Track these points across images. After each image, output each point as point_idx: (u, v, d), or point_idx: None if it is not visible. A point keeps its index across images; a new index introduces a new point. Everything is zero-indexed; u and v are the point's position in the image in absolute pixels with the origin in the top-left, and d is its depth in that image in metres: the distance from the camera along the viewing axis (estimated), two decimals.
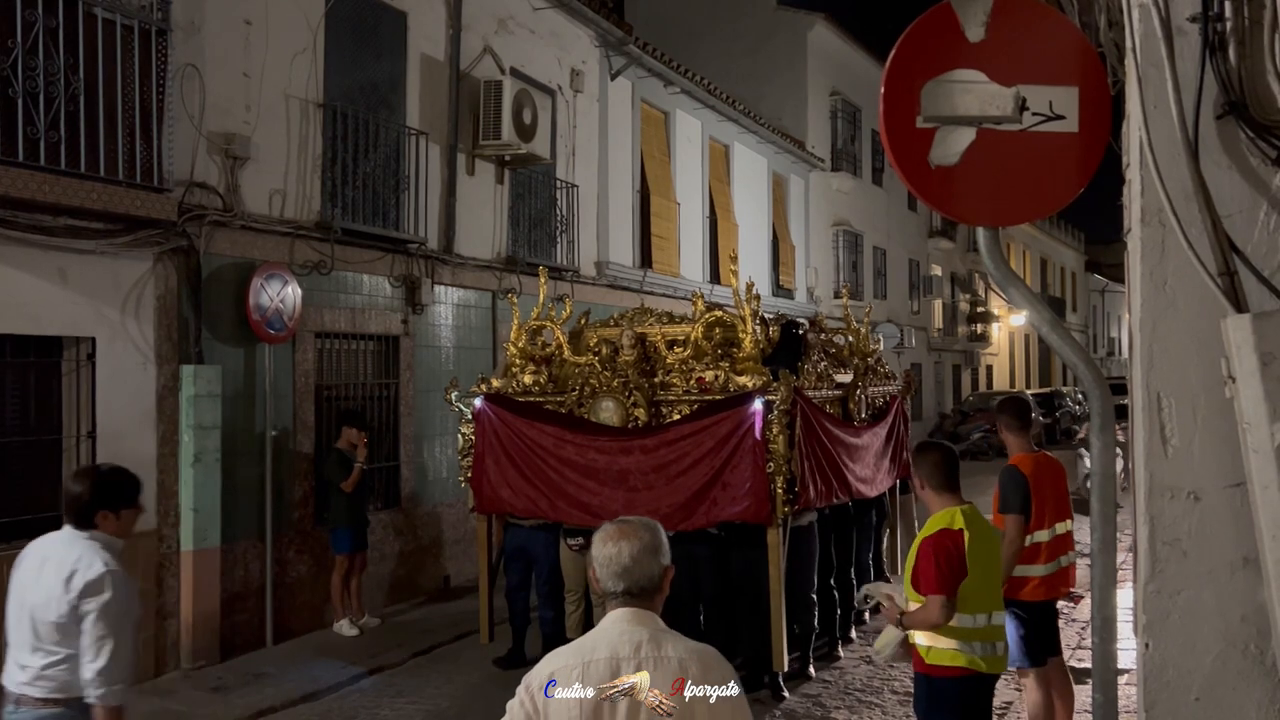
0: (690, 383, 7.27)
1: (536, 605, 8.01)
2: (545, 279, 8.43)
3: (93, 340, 7.27)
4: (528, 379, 7.83)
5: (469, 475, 7.91)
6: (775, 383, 6.88)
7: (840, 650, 8.20)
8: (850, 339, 9.22)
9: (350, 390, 9.84)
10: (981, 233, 2.98)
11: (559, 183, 13.14)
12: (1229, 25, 2.58)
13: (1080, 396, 27.57)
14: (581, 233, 13.57)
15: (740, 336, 7.32)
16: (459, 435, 8.17)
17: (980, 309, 35.00)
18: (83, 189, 6.84)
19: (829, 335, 9.06)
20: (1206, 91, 2.58)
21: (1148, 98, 2.65)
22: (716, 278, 17.39)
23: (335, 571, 8.91)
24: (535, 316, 8.12)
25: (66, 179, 6.73)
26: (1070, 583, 5.82)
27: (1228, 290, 2.51)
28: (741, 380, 7.07)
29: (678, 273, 16.43)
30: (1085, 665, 6.39)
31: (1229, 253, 2.53)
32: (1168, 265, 2.66)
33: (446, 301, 11.10)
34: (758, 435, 6.76)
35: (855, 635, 8.57)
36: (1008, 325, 38.48)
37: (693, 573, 6.89)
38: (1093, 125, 2.83)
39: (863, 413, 8.61)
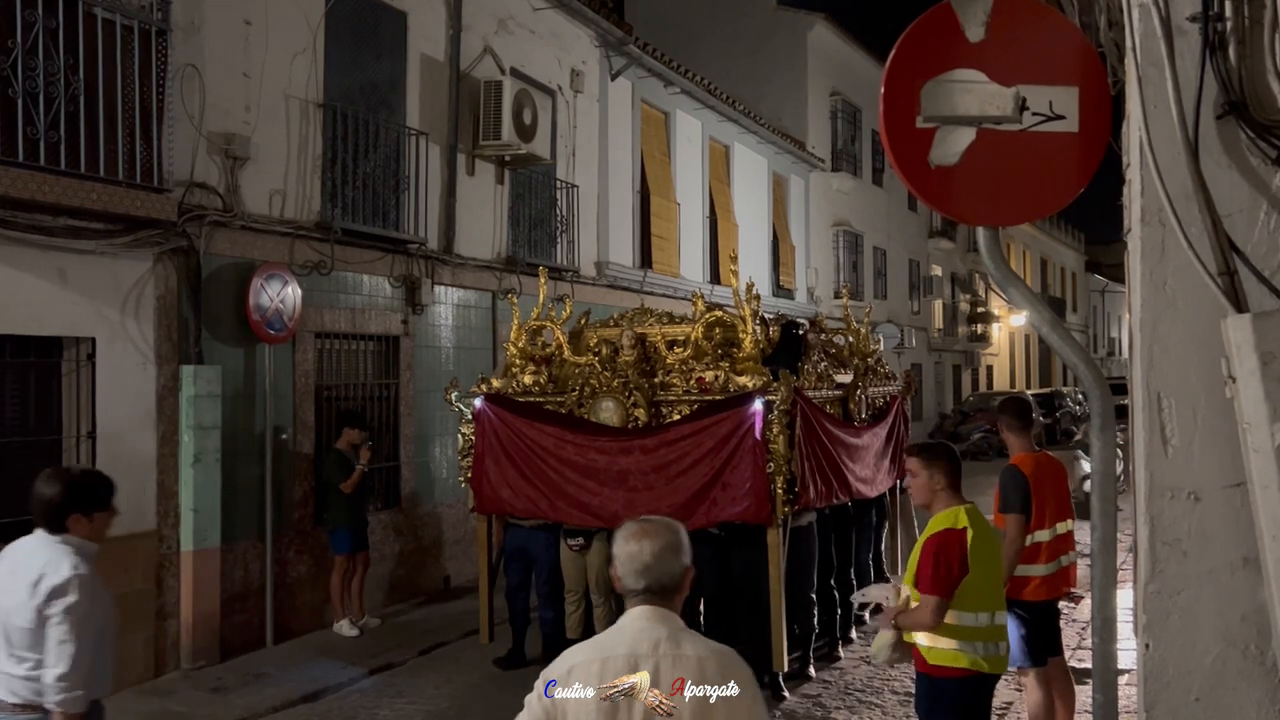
0: (690, 383, 7.27)
1: (536, 605, 8.01)
2: (545, 279, 8.43)
3: (93, 340, 7.27)
4: (528, 379, 7.83)
5: (469, 475, 7.91)
6: (775, 383, 6.88)
7: (840, 650, 8.20)
8: (850, 339, 9.22)
9: (350, 390, 9.84)
10: (981, 233, 2.98)
11: (559, 183, 13.14)
12: (1229, 25, 2.58)
13: (1080, 397, 27.54)
14: (581, 233, 13.57)
15: (740, 337, 7.32)
16: (459, 435, 8.16)
17: (980, 309, 35.00)
18: (83, 189, 6.83)
19: (829, 335, 9.06)
20: (1206, 91, 2.58)
21: (1148, 97, 2.64)
22: (717, 278, 17.38)
23: (335, 572, 8.91)
24: (535, 317, 8.12)
25: (66, 179, 6.73)
26: (1071, 583, 5.82)
27: (1228, 290, 2.51)
28: (741, 380, 7.07)
29: (678, 273, 16.43)
30: (1085, 665, 6.38)
31: (1229, 253, 2.53)
32: (1168, 265, 2.66)
33: (446, 302, 11.10)
34: (758, 435, 6.76)
35: (855, 635, 8.57)
36: (1008, 325, 38.48)
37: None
38: (1093, 125, 2.84)
39: (863, 413, 8.61)
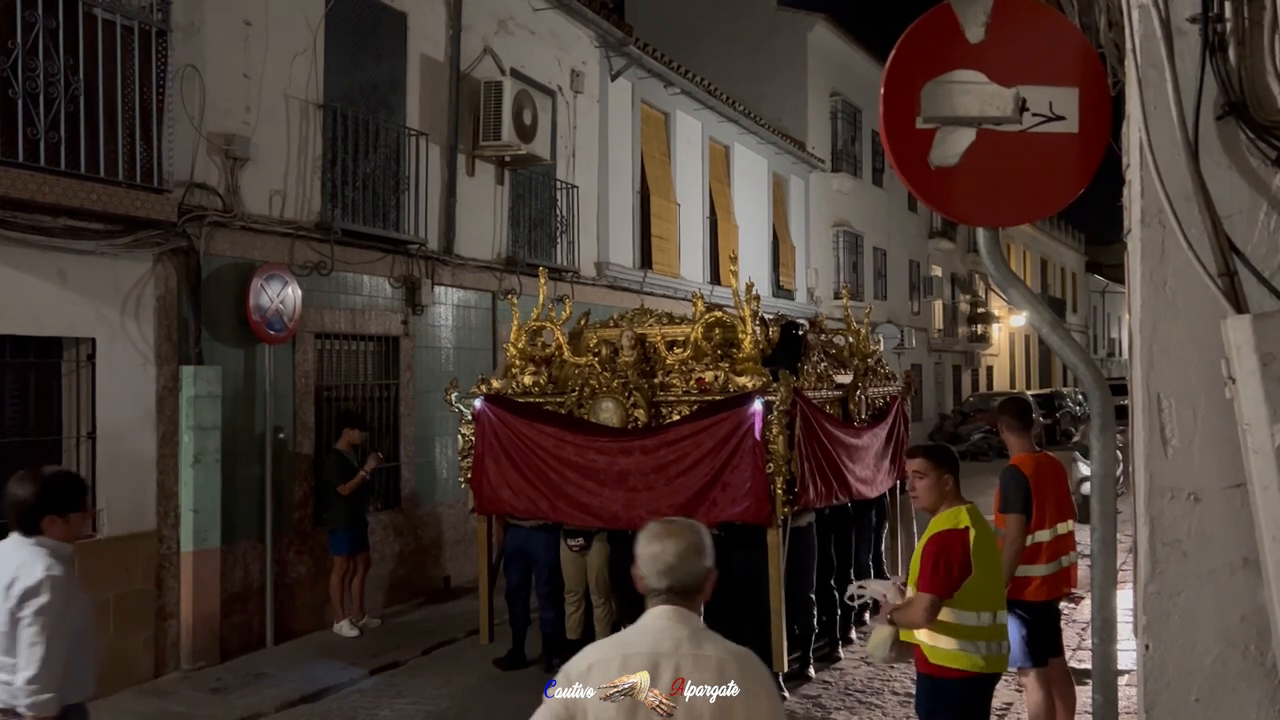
0: (690, 383, 7.26)
1: (536, 606, 8.01)
2: (545, 280, 8.43)
3: (93, 341, 7.27)
4: (527, 380, 7.82)
5: (469, 476, 7.91)
6: (775, 383, 6.88)
7: (840, 651, 8.20)
8: (850, 340, 9.22)
9: (350, 391, 9.84)
10: (981, 233, 2.98)
11: (559, 183, 13.14)
12: (1229, 26, 2.58)
13: (1080, 397, 27.55)
14: (581, 233, 13.57)
15: (740, 337, 7.32)
16: (459, 436, 8.16)
17: (980, 310, 34.99)
18: (83, 190, 6.83)
19: (829, 336, 9.06)
20: (1206, 92, 2.58)
21: (1148, 98, 2.64)
22: (717, 278, 17.38)
23: (334, 573, 8.91)
24: (535, 317, 8.12)
25: (66, 180, 6.73)
26: (1072, 583, 5.82)
27: (1228, 291, 2.51)
28: (741, 381, 7.07)
29: (678, 273, 16.43)
30: (1086, 666, 6.38)
31: (1229, 253, 2.53)
32: (1168, 266, 2.66)
33: (446, 302, 11.10)
34: (757, 436, 6.75)
35: (855, 636, 8.56)
36: (1008, 326, 38.47)
37: None
38: (1093, 126, 2.83)
39: (863, 413, 8.61)
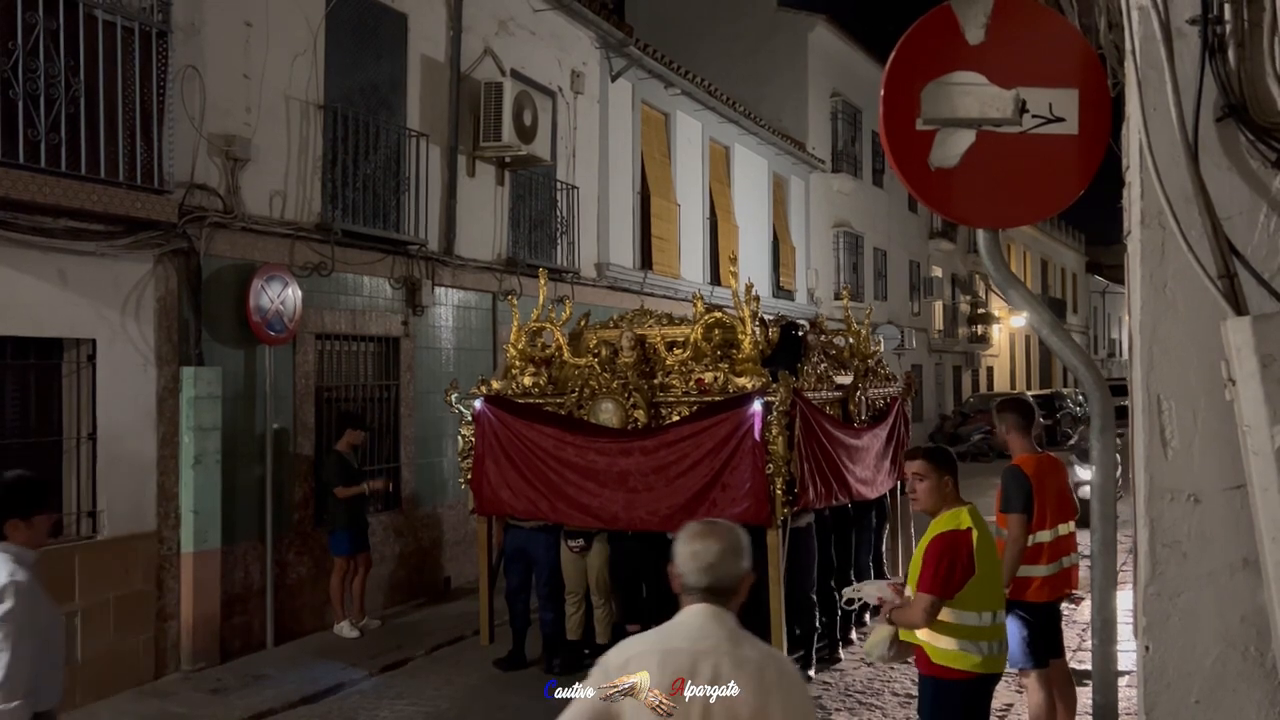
0: (690, 384, 7.27)
1: (537, 607, 8.01)
2: (545, 280, 8.43)
3: (93, 342, 7.27)
4: (527, 380, 7.83)
5: (469, 477, 7.91)
6: (775, 384, 6.88)
7: (840, 652, 8.19)
8: (850, 340, 9.22)
9: (350, 392, 9.84)
10: (982, 234, 2.99)
11: (559, 184, 13.14)
12: (1228, 27, 2.58)
13: (1081, 398, 27.54)
14: (582, 234, 13.57)
15: (740, 338, 7.32)
16: (459, 437, 8.17)
17: (981, 310, 34.98)
18: (83, 191, 6.83)
19: (829, 337, 9.06)
20: (1206, 94, 2.58)
21: (1147, 100, 2.65)
22: (717, 279, 17.38)
23: (335, 573, 8.91)
24: (535, 318, 8.12)
25: (67, 181, 6.73)
26: (1073, 584, 5.81)
27: (1228, 293, 2.51)
28: (741, 381, 7.07)
29: (678, 274, 16.43)
30: (1086, 667, 6.37)
31: (1229, 255, 2.53)
32: (1168, 268, 2.66)
33: (447, 303, 11.11)
34: (757, 436, 6.76)
35: (855, 637, 8.56)
36: (1008, 327, 38.47)
37: None
38: (1092, 127, 2.84)
39: (863, 414, 8.61)
